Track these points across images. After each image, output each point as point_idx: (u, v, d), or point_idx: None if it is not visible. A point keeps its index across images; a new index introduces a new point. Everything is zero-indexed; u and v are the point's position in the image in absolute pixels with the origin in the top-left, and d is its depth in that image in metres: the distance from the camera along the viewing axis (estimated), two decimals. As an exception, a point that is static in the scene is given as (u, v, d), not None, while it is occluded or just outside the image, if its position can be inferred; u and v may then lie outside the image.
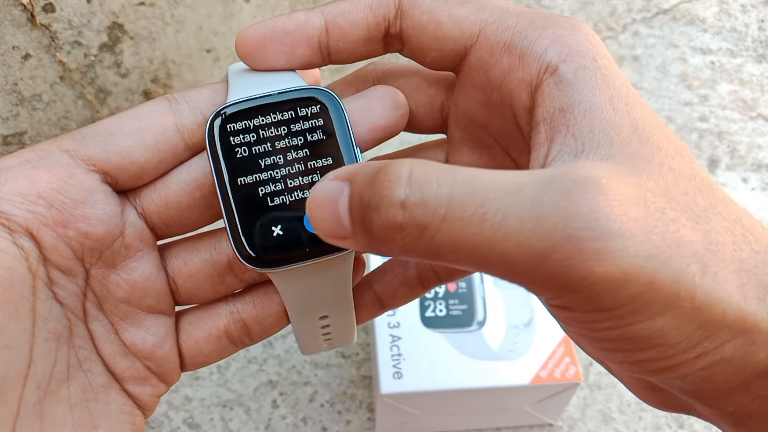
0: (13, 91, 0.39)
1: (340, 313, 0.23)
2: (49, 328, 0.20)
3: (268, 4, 0.49)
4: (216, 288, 0.23)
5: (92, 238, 0.21)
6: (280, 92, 0.21)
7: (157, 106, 0.21)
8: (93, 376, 0.21)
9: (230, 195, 0.20)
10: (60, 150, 0.21)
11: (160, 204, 0.22)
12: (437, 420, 0.37)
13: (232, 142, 0.20)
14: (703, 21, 0.64)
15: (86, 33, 0.39)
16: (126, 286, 0.22)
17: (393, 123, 0.22)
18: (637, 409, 0.40)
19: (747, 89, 0.59)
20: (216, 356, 0.24)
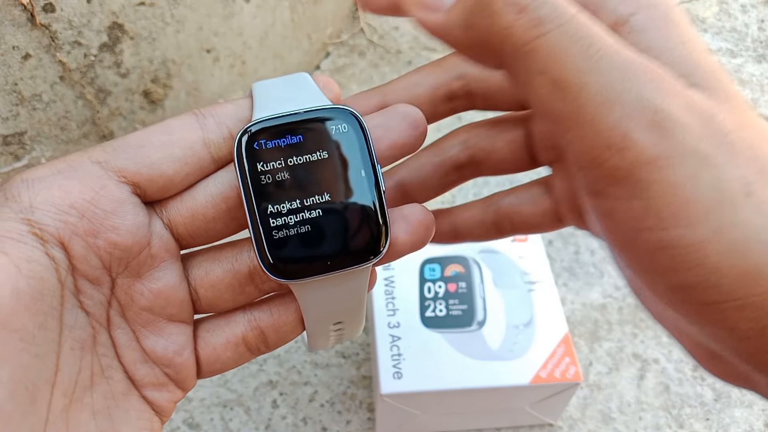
0: (13, 91, 0.39)
1: (354, 318, 0.24)
2: (75, 337, 0.21)
3: (268, 5, 0.49)
4: (236, 297, 0.24)
5: (121, 248, 0.21)
6: (305, 111, 0.21)
7: (185, 120, 0.22)
8: (114, 384, 0.22)
9: (256, 208, 0.21)
10: (91, 161, 0.21)
11: (186, 215, 0.22)
12: (437, 420, 0.37)
13: (258, 157, 0.21)
14: (703, 21, 0.64)
15: (86, 33, 0.39)
16: (150, 295, 0.22)
17: (411, 141, 0.23)
18: (637, 409, 0.40)
19: (747, 89, 0.59)
20: (233, 363, 0.24)
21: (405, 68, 0.58)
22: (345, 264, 0.21)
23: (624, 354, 0.42)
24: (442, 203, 0.49)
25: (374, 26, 0.62)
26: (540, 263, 0.39)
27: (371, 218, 0.21)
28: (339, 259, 0.21)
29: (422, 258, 0.39)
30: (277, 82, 0.23)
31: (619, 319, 0.43)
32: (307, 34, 0.55)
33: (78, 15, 0.38)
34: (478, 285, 0.38)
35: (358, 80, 0.57)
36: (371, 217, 0.21)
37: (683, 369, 0.41)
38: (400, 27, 0.62)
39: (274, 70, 0.53)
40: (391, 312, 0.37)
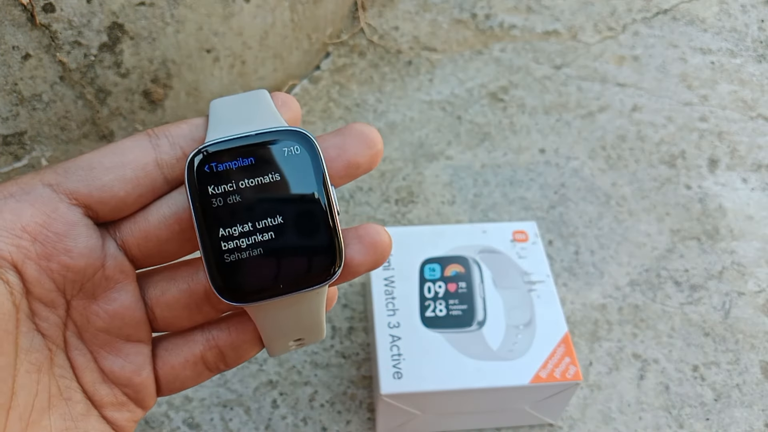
0: (13, 91, 0.39)
1: (313, 334, 0.24)
2: (31, 360, 0.21)
3: (268, 5, 0.49)
4: (193, 317, 0.24)
5: (74, 270, 0.21)
6: (257, 133, 0.21)
7: (138, 141, 0.22)
8: (73, 405, 0.22)
9: (207, 232, 0.21)
10: (43, 184, 0.21)
11: (139, 237, 0.22)
12: (437, 420, 0.37)
13: (209, 180, 0.21)
14: (703, 21, 0.64)
15: (86, 33, 0.39)
16: (106, 316, 0.22)
17: (367, 160, 0.23)
18: (637, 409, 0.40)
19: (747, 89, 0.59)
20: (192, 381, 0.24)
21: (405, 68, 0.59)
22: (298, 286, 0.21)
23: (624, 354, 0.42)
24: (442, 203, 0.49)
25: (374, 26, 0.62)
26: (540, 263, 0.39)
27: (324, 240, 0.21)
28: (292, 282, 0.21)
29: (422, 258, 0.39)
30: (234, 100, 0.23)
31: (619, 319, 0.43)
32: (307, 34, 0.55)
33: (78, 15, 0.38)
34: (478, 285, 0.38)
35: (358, 80, 0.57)
36: (324, 239, 0.21)
37: (683, 369, 0.41)
38: (400, 27, 0.62)
39: (274, 70, 0.53)
40: (391, 312, 0.37)
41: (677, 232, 0.48)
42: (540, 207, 0.49)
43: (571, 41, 0.62)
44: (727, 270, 0.46)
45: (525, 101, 0.57)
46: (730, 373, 0.41)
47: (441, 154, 0.52)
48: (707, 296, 0.45)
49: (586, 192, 0.50)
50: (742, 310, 0.44)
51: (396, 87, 0.57)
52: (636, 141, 0.54)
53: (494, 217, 0.48)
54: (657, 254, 0.47)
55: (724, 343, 0.43)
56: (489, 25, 0.63)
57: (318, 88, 0.57)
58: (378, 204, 0.49)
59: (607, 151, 0.53)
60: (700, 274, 0.46)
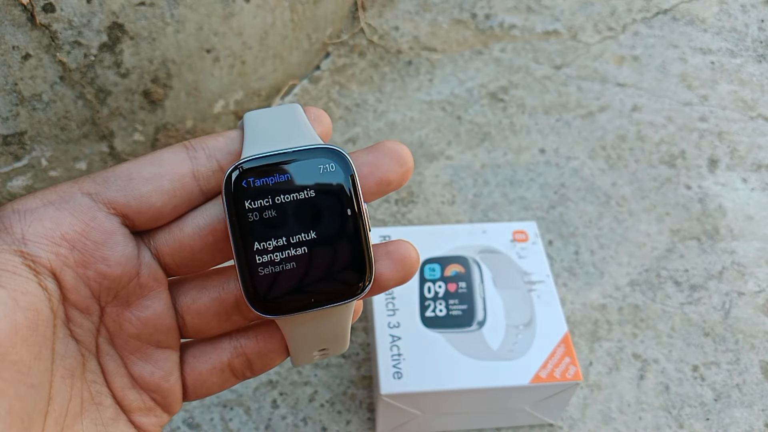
0: (13, 91, 0.39)
1: (338, 345, 0.25)
2: (66, 365, 0.21)
3: (268, 5, 0.49)
4: (222, 325, 0.24)
5: (110, 278, 0.21)
6: (294, 150, 0.22)
7: (176, 152, 0.22)
8: (103, 409, 0.22)
9: (242, 245, 0.21)
10: (81, 193, 0.21)
11: (174, 246, 0.23)
12: (437, 420, 0.37)
13: (246, 195, 0.21)
14: (703, 21, 0.64)
15: (86, 33, 0.39)
16: (138, 323, 0.23)
17: (398, 177, 0.23)
18: (637, 409, 0.40)
19: (747, 89, 0.59)
20: (218, 388, 0.25)
21: (405, 68, 0.59)
22: (328, 301, 0.22)
23: (624, 354, 0.42)
24: (442, 203, 0.49)
25: (374, 26, 0.62)
26: (540, 263, 0.39)
27: (355, 256, 0.22)
28: (322, 296, 0.22)
29: (422, 258, 0.39)
30: (268, 114, 0.23)
31: (619, 319, 0.43)
32: (307, 34, 0.55)
33: (78, 15, 0.38)
34: (478, 285, 0.38)
35: (358, 80, 0.57)
36: (355, 255, 0.22)
37: (683, 369, 0.41)
38: (400, 27, 0.62)
39: (274, 70, 0.53)
40: (391, 312, 0.37)
41: (677, 232, 0.48)
42: (540, 207, 0.49)
43: (571, 41, 0.62)
44: (727, 270, 0.46)
45: (525, 101, 0.57)
46: (730, 373, 0.41)
47: (441, 154, 0.52)
48: (707, 296, 0.45)
49: (586, 192, 0.50)
50: (742, 310, 0.44)
51: (396, 87, 0.57)
52: (636, 141, 0.54)
53: (494, 217, 0.48)
54: (657, 254, 0.47)
55: (724, 343, 0.43)
56: (489, 25, 0.63)
57: (318, 88, 0.57)
58: (378, 204, 0.49)
59: (607, 151, 0.53)
60: (700, 274, 0.46)
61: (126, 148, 0.46)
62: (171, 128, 0.47)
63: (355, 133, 0.53)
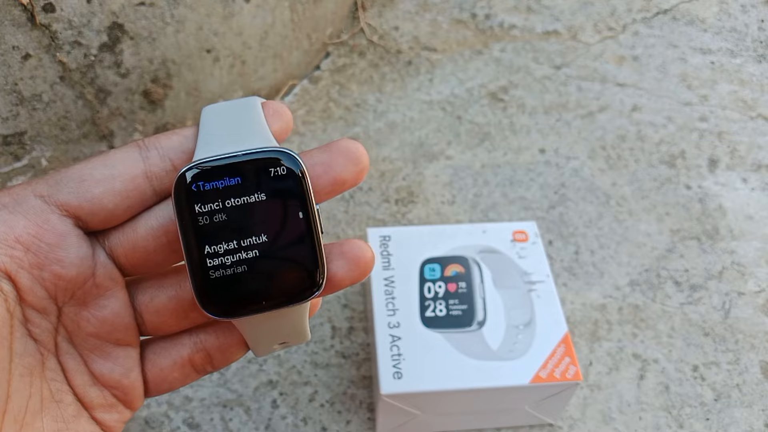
0: (13, 91, 0.39)
1: (297, 338, 0.25)
2: (24, 364, 0.21)
3: (268, 5, 0.49)
4: (180, 322, 0.24)
5: (65, 279, 0.22)
6: (244, 153, 0.22)
7: (128, 152, 0.23)
8: (64, 407, 0.23)
9: (193, 249, 0.22)
10: (34, 195, 0.22)
11: (127, 247, 0.23)
12: (437, 420, 0.37)
13: (196, 199, 0.22)
14: (703, 21, 0.64)
15: (86, 33, 0.39)
16: (96, 321, 0.23)
17: (353, 177, 0.23)
18: (637, 409, 0.40)
19: (747, 89, 0.59)
20: (179, 383, 0.25)
21: (405, 68, 0.59)
22: (280, 303, 0.22)
23: (624, 354, 0.42)
24: (442, 203, 0.49)
25: (374, 26, 0.62)
26: (540, 263, 0.39)
27: (307, 259, 0.22)
28: (274, 299, 0.22)
29: (422, 258, 0.39)
30: (225, 110, 0.23)
31: (619, 319, 0.43)
32: (307, 34, 0.55)
33: (78, 15, 0.38)
34: (478, 285, 0.38)
35: (358, 80, 0.57)
36: (307, 258, 0.22)
37: (683, 369, 0.41)
38: (400, 27, 0.62)
39: (274, 70, 0.53)
40: (391, 312, 0.37)
41: (677, 232, 0.48)
42: (540, 207, 0.49)
43: (571, 41, 0.62)
44: (727, 270, 0.46)
45: (525, 101, 0.57)
46: (730, 373, 0.41)
47: (441, 154, 0.52)
48: (707, 296, 0.45)
49: (586, 192, 0.50)
50: (742, 310, 0.44)
51: (396, 87, 0.57)
52: (636, 141, 0.54)
53: (494, 217, 0.48)
54: (657, 254, 0.47)
55: (724, 343, 0.43)
56: (489, 25, 0.63)
57: (318, 88, 0.57)
58: (378, 204, 0.49)
59: (607, 151, 0.53)
60: (700, 274, 0.46)
61: (126, 148, 0.46)
62: (171, 128, 0.47)
63: (355, 133, 0.53)
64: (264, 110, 0.23)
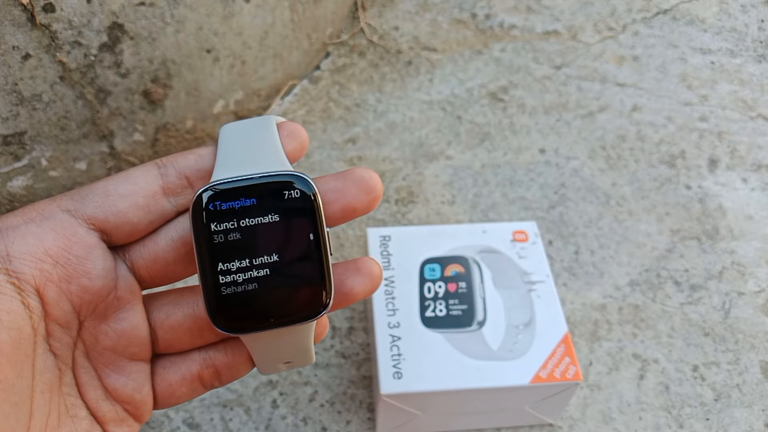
0: (13, 91, 0.39)
1: (302, 358, 0.26)
2: (45, 380, 0.21)
3: (268, 5, 0.49)
4: (194, 341, 0.25)
5: (91, 292, 0.22)
6: (260, 176, 0.23)
7: (148, 170, 0.23)
8: (78, 421, 0.23)
9: (207, 266, 0.22)
10: (61, 210, 0.22)
11: (149, 259, 0.24)
12: (437, 420, 0.37)
13: (212, 218, 0.22)
14: (703, 21, 0.64)
15: (86, 33, 0.39)
16: (114, 335, 0.23)
17: (364, 206, 0.24)
18: (637, 409, 0.40)
19: (747, 89, 0.59)
20: (187, 397, 0.26)
21: (405, 68, 0.59)
22: (287, 321, 0.23)
23: (624, 354, 0.42)
24: (442, 203, 0.49)
25: (374, 26, 0.62)
26: (540, 263, 0.39)
27: (315, 279, 0.23)
28: (282, 317, 0.23)
29: (422, 258, 0.39)
30: (241, 130, 0.24)
31: (619, 319, 0.43)
32: (307, 34, 0.55)
33: (78, 15, 0.38)
34: (478, 285, 0.38)
35: (358, 80, 0.57)
36: (315, 278, 0.23)
37: (683, 369, 0.41)
38: (400, 27, 0.62)
39: (274, 70, 0.53)
40: (391, 312, 0.37)
41: (677, 232, 0.48)
42: (540, 207, 0.49)
43: (571, 41, 0.62)
44: (727, 270, 0.46)
45: (525, 101, 0.57)
46: (730, 373, 0.41)
47: (441, 154, 0.52)
48: (707, 296, 0.45)
49: (586, 192, 0.50)
50: (742, 310, 0.44)
51: (396, 87, 0.57)
52: (636, 141, 0.54)
53: (494, 217, 0.48)
54: (657, 254, 0.47)
55: (724, 343, 0.43)
56: (489, 25, 0.63)
57: (318, 88, 0.57)
58: (378, 204, 0.49)
59: (607, 151, 0.53)
60: (700, 274, 0.46)
61: (126, 148, 0.46)
62: (171, 128, 0.47)
63: (355, 133, 0.53)
64: (279, 131, 0.24)
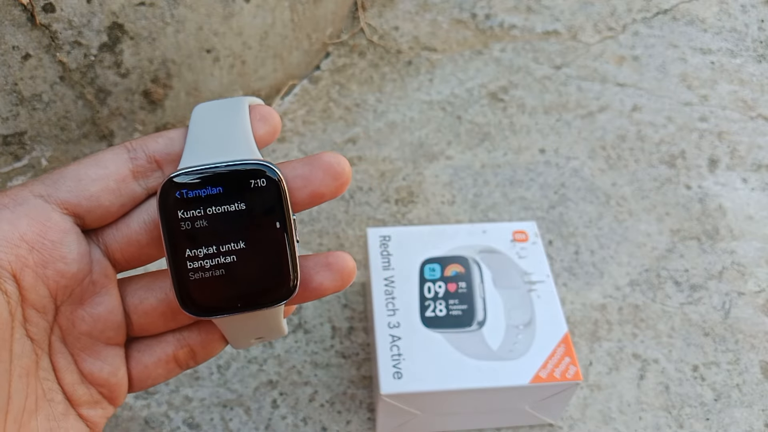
0: (13, 91, 0.39)
1: (273, 334, 0.26)
2: (22, 365, 0.22)
3: (268, 5, 0.49)
4: (168, 324, 0.25)
5: (67, 276, 0.22)
6: (227, 165, 0.23)
7: (118, 153, 0.24)
8: (55, 405, 0.23)
9: (175, 252, 0.23)
10: (34, 195, 0.22)
11: (122, 242, 0.24)
12: (437, 420, 0.37)
13: (179, 205, 0.23)
14: (703, 21, 0.64)
15: (86, 33, 0.39)
16: (90, 319, 0.23)
17: (332, 191, 0.24)
18: (637, 409, 0.40)
19: (747, 89, 0.59)
20: (163, 378, 0.26)
21: (405, 68, 0.59)
22: (255, 305, 0.24)
23: (624, 354, 0.42)
24: (442, 203, 0.49)
25: (374, 26, 0.62)
26: (540, 263, 0.39)
27: (280, 265, 0.23)
28: (248, 301, 0.24)
29: (422, 258, 0.39)
30: (212, 113, 0.24)
31: (619, 319, 0.43)
32: (307, 34, 0.55)
33: (78, 15, 0.38)
34: (478, 285, 0.38)
35: (358, 80, 0.57)
36: (280, 265, 0.23)
37: (683, 369, 0.41)
38: (400, 27, 0.62)
39: (274, 70, 0.53)
40: (391, 312, 0.37)
41: (677, 232, 0.48)
42: (540, 207, 0.49)
43: (571, 41, 0.62)
44: (727, 270, 0.46)
45: (525, 101, 0.57)
46: (730, 373, 0.41)
47: (441, 154, 0.52)
48: (707, 296, 0.45)
49: (586, 192, 0.50)
50: (742, 310, 0.44)
51: (396, 87, 0.57)
52: (636, 141, 0.54)
53: (494, 217, 0.48)
54: (657, 254, 0.47)
55: (724, 343, 0.43)
56: (489, 25, 0.63)
57: (318, 88, 0.57)
58: (378, 204, 0.49)
59: (607, 151, 0.53)
60: (700, 274, 0.46)
61: (126, 148, 0.46)
62: (171, 128, 0.47)
63: (355, 133, 0.53)
64: (251, 114, 0.24)
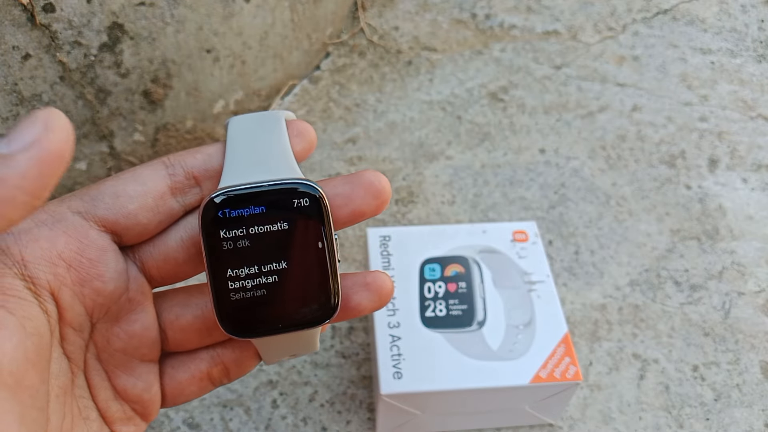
0: (13, 91, 0.39)
1: (307, 351, 0.26)
2: (59, 384, 0.21)
3: (268, 5, 0.49)
4: (203, 340, 0.25)
5: (104, 294, 0.22)
6: (269, 184, 0.23)
7: (156, 169, 0.23)
8: (90, 423, 0.23)
9: (216, 272, 0.23)
10: (71, 212, 0.22)
11: (159, 259, 0.24)
12: (437, 420, 0.37)
13: (221, 225, 0.23)
14: (703, 21, 0.64)
15: (86, 33, 0.39)
16: (125, 337, 0.23)
17: (372, 209, 0.24)
18: (637, 409, 0.40)
19: (747, 89, 0.59)
20: (195, 395, 0.26)
21: (405, 68, 0.59)
22: (295, 327, 0.24)
23: (624, 354, 0.42)
24: (442, 203, 0.49)
25: (374, 26, 0.62)
26: (540, 263, 0.39)
27: (322, 287, 0.23)
28: (289, 322, 0.23)
29: (422, 258, 0.39)
30: (250, 128, 0.24)
31: (619, 319, 0.43)
32: (307, 34, 0.55)
33: (78, 15, 0.38)
34: (478, 285, 0.38)
35: (358, 80, 0.57)
36: (323, 286, 0.23)
37: (683, 369, 0.41)
38: (400, 27, 0.62)
39: (274, 70, 0.53)
40: (391, 312, 0.37)
41: (677, 232, 0.48)
42: (540, 207, 0.49)
43: (571, 41, 0.62)
44: (727, 270, 0.46)
45: (525, 101, 0.57)
46: (730, 373, 0.41)
47: (441, 154, 0.52)
48: (707, 296, 0.45)
49: (586, 192, 0.50)
50: (742, 310, 0.44)
51: (396, 87, 0.57)
52: (636, 141, 0.54)
53: (494, 217, 0.48)
54: (657, 254, 0.47)
55: (724, 343, 0.43)
56: (489, 25, 0.63)
57: (318, 88, 0.57)
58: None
59: (607, 151, 0.53)
60: (700, 274, 0.46)
61: (126, 148, 0.46)
62: (171, 128, 0.47)
63: (355, 133, 0.53)
64: (288, 129, 0.24)
